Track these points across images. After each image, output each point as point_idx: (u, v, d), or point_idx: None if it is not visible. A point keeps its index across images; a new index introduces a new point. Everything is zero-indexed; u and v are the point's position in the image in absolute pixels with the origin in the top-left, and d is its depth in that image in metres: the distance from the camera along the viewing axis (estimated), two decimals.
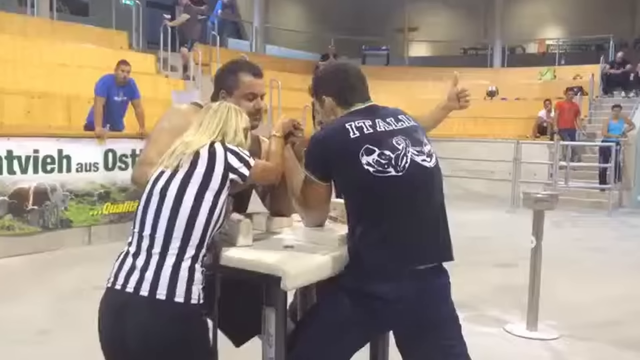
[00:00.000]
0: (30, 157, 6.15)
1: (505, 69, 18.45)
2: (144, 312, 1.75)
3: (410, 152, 2.00)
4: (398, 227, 1.97)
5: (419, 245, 1.99)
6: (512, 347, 4.03)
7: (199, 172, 1.85)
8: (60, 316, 4.31)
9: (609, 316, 4.68)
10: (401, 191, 1.97)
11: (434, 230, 2.04)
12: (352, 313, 1.98)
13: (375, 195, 1.97)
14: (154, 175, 1.92)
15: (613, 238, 8.15)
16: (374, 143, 1.97)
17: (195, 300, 1.79)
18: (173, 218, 1.80)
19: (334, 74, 2.24)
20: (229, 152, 1.92)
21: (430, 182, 2.05)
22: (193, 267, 1.80)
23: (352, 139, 1.97)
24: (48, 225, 6.31)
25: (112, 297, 1.82)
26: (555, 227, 7.74)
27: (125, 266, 1.81)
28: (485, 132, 13.04)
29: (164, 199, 1.83)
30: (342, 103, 2.16)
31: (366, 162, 1.94)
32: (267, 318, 1.94)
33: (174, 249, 1.78)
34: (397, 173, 1.95)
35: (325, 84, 2.22)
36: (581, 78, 15.48)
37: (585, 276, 5.87)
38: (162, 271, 1.76)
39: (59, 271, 5.47)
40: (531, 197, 4.31)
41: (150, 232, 1.80)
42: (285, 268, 1.84)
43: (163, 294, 1.75)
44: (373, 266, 1.96)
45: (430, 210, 2.04)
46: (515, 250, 5.09)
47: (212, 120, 2.02)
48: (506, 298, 4.97)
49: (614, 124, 11.70)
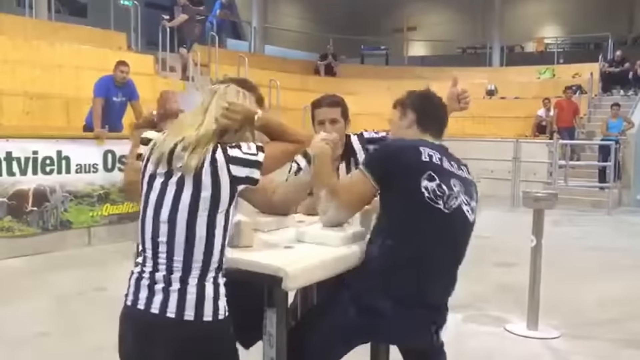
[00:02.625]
0: (30, 158, 6.14)
1: (504, 68, 18.45)
2: (173, 334, 1.69)
3: (460, 198, 2.10)
4: (428, 258, 2.05)
5: (439, 282, 2.12)
6: (513, 347, 4.03)
7: (205, 197, 1.69)
8: (60, 318, 4.30)
9: (609, 315, 4.68)
10: (442, 227, 2.06)
11: (452, 275, 2.17)
12: (355, 323, 2.05)
13: (419, 218, 2.04)
14: (146, 180, 1.77)
15: (613, 237, 8.16)
16: (437, 174, 2.06)
17: (222, 315, 1.74)
18: (190, 249, 1.69)
19: (429, 99, 2.33)
20: (232, 162, 1.72)
21: (466, 233, 2.17)
22: (217, 282, 1.75)
23: (422, 161, 2.06)
24: (48, 227, 6.31)
25: (136, 317, 1.74)
26: (555, 226, 7.74)
27: (144, 285, 1.72)
28: (484, 132, 13.05)
29: (175, 227, 1.69)
30: (420, 125, 2.26)
31: (425, 185, 2.03)
32: (268, 318, 1.94)
33: (195, 272, 1.70)
34: (445, 210, 2.04)
35: (417, 101, 2.31)
36: (580, 76, 15.49)
37: (586, 275, 5.87)
38: (187, 291, 1.69)
39: (59, 273, 5.47)
40: (531, 196, 4.31)
41: (166, 256, 1.70)
42: (287, 269, 1.83)
43: (191, 315, 1.68)
44: (393, 284, 2.03)
45: (456, 257, 2.17)
46: (515, 250, 5.09)
47: (215, 104, 1.83)
48: (507, 297, 4.97)
49: (613, 123, 11.71)
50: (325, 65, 16.87)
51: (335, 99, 2.89)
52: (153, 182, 1.75)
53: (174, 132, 1.79)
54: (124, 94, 7.26)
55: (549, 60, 17.99)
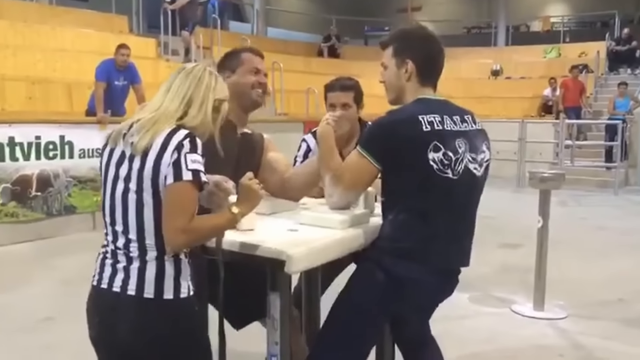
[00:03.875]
0: (32, 143, 6.12)
1: (510, 48, 18.26)
2: (133, 312, 1.69)
3: (466, 158, 2.04)
4: (442, 227, 2.03)
5: (456, 248, 2.11)
6: (519, 327, 4.01)
7: (147, 176, 1.65)
8: (64, 303, 4.29)
9: (615, 295, 4.65)
10: (452, 194, 2.02)
11: (466, 238, 2.15)
12: (386, 287, 2.03)
13: (430, 191, 2.00)
14: (106, 155, 1.75)
15: (619, 216, 8.11)
16: (441, 141, 1.99)
17: (185, 293, 1.72)
18: (141, 225, 1.67)
19: (425, 40, 2.15)
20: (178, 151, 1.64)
21: (474, 191, 2.13)
22: (178, 260, 1.72)
23: (424, 132, 1.97)
24: (52, 212, 6.31)
25: (99, 297, 1.75)
26: (561, 206, 7.71)
27: (108, 264, 1.74)
28: (490, 112, 12.93)
29: (127, 206, 1.68)
30: (422, 75, 2.10)
31: (432, 158, 1.97)
32: (271, 302, 1.91)
33: (152, 250, 1.69)
34: (453, 176, 2.00)
35: (414, 46, 2.12)
36: (586, 55, 15.33)
37: (592, 255, 5.84)
38: (146, 269, 1.68)
39: (64, 257, 5.47)
40: (537, 177, 4.27)
41: (124, 235, 1.70)
42: (290, 252, 1.81)
43: (151, 292, 1.68)
44: (412, 253, 2.02)
45: (468, 218, 2.14)
46: (521, 230, 5.06)
47: (182, 84, 1.76)
48: (512, 278, 4.95)
49: (620, 102, 11.60)
50: (328, 47, 16.74)
51: (349, 83, 2.84)
52: (110, 161, 1.74)
53: (137, 114, 1.78)
54: (125, 78, 7.21)
55: (555, 39, 17.82)
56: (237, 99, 2.29)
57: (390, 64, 2.14)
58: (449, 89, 14.77)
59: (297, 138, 3.14)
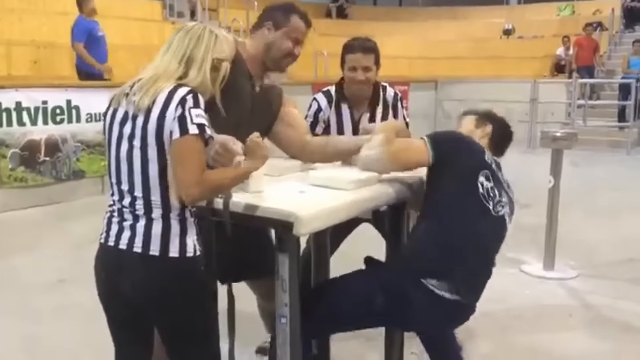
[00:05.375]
0: (39, 108, 6.09)
1: (522, 6, 17.91)
2: (139, 269, 1.70)
3: (506, 209, 2.14)
4: (467, 252, 2.05)
5: (469, 280, 2.10)
6: (529, 287, 4.02)
7: (152, 131, 1.64)
8: (75, 266, 4.33)
9: (625, 255, 4.64)
10: (486, 227, 2.07)
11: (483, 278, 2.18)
12: (381, 311, 2.03)
13: (469, 210, 2.04)
14: (109, 116, 1.74)
15: (631, 177, 8.03)
16: (493, 178, 2.09)
17: (191, 252, 1.72)
18: (146, 181, 1.68)
19: (508, 127, 2.36)
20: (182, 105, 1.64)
21: (500, 241, 2.19)
22: (184, 218, 1.72)
23: (485, 159, 2.10)
24: (61, 177, 6.32)
25: (106, 254, 1.77)
26: (573, 167, 7.60)
27: (115, 222, 1.75)
28: (501, 73, 12.75)
29: (132, 164, 1.68)
30: (492, 141, 2.25)
31: (481, 181, 2.05)
32: (280, 263, 1.90)
33: (157, 209, 1.69)
34: (493, 212, 2.07)
35: (498, 121, 2.31)
36: (601, 13, 14.97)
37: (603, 215, 5.80)
38: (152, 226, 1.69)
39: (73, 221, 5.50)
40: (549, 136, 4.23)
41: (129, 193, 1.70)
42: (298, 213, 1.78)
43: (156, 250, 1.68)
44: (427, 272, 2.02)
45: (488, 261, 2.18)
46: (532, 190, 4.99)
47: (181, 43, 1.74)
48: (523, 238, 4.91)
49: (634, 60, 11.38)
50: (337, 7, 16.48)
51: (370, 45, 2.76)
52: (113, 121, 1.74)
53: (139, 74, 1.76)
54: (101, 28, 7.31)
55: None
56: (265, 56, 2.25)
57: (470, 125, 2.29)
58: (460, 49, 14.60)
59: (306, 100, 3.09)
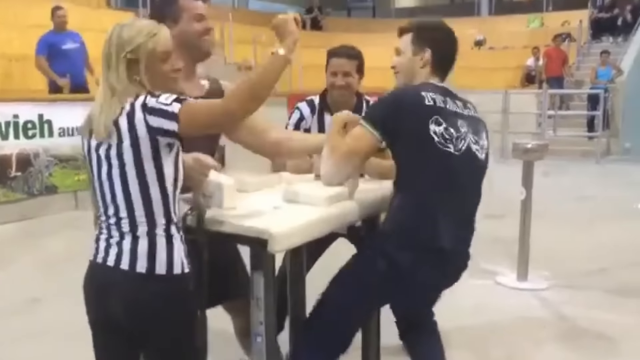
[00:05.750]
0: (10, 122, 6.00)
1: (493, 17, 18.21)
2: (126, 287, 1.69)
3: (469, 138, 2.05)
4: (446, 207, 2.01)
5: (461, 227, 2.10)
6: (504, 298, 4.06)
7: (127, 147, 1.64)
8: (50, 283, 4.26)
9: (598, 264, 4.71)
10: (455, 170, 2.02)
11: (472, 217, 2.16)
12: (385, 276, 2.01)
13: (433, 164, 2.00)
14: (85, 143, 1.75)
15: (602, 186, 8.18)
16: (443, 117, 2.00)
17: (179, 270, 1.71)
18: (129, 200, 1.68)
19: (448, 37, 2.18)
20: (147, 111, 1.63)
21: (477, 174, 2.13)
22: (169, 234, 1.71)
23: (426, 105, 1.99)
24: (33, 192, 6.22)
25: (94, 271, 1.76)
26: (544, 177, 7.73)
27: (103, 239, 1.75)
28: (473, 84, 12.91)
29: (113, 183, 1.69)
30: (435, 66, 2.14)
31: (433, 129, 1.97)
32: (255, 282, 1.90)
33: (142, 225, 1.69)
34: (455, 152, 2.00)
35: (435, 38, 2.15)
36: (569, 24, 15.31)
37: (575, 225, 5.90)
38: (138, 243, 1.69)
39: (47, 237, 5.41)
40: (520, 148, 4.28)
41: (114, 211, 1.71)
42: (272, 230, 1.78)
43: (143, 267, 1.68)
44: (416, 238, 2.01)
45: (473, 197, 2.15)
46: (504, 201, 5.08)
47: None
48: (496, 249, 4.98)
49: (602, 71, 11.63)
50: (311, 19, 16.56)
51: (354, 52, 2.81)
52: (90, 145, 1.73)
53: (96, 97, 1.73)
54: (74, 41, 7.14)
55: (538, 8, 17.76)
56: (186, 50, 2.11)
57: (407, 50, 2.17)
58: None
59: (281, 112, 3.09)
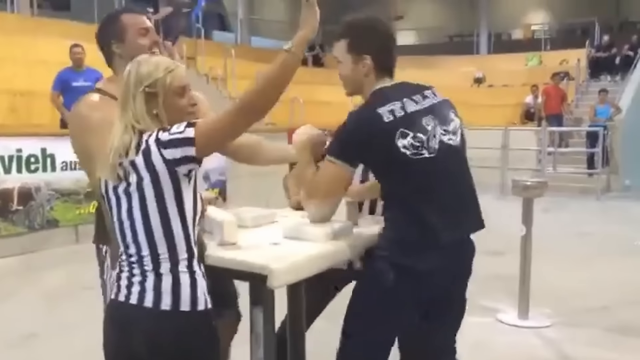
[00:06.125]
0: (14, 156, 6.05)
1: (492, 56, 18.48)
2: (150, 324, 1.68)
3: (438, 132, 2.01)
4: (439, 204, 2.01)
5: (463, 216, 2.08)
6: (505, 336, 4.03)
7: (147, 184, 1.67)
8: (48, 318, 4.25)
9: (599, 302, 4.68)
10: (434, 170, 2.00)
11: (469, 202, 2.13)
12: (397, 286, 1.99)
13: (414, 176, 1.99)
14: (103, 183, 1.76)
15: (602, 223, 8.18)
16: (407, 126, 1.96)
17: (202, 306, 1.70)
18: (151, 237, 1.68)
19: (380, 32, 2.08)
20: (162, 145, 1.65)
21: (458, 159, 2.10)
22: (192, 269, 1.71)
23: (386, 123, 1.95)
24: (34, 226, 6.23)
25: (116, 309, 1.75)
26: (545, 213, 7.75)
27: (125, 276, 1.74)
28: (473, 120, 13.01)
29: (134, 220, 1.70)
30: (379, 68, 2.06)
31: (402, 145, 1.95)
32: (254, 317, 1.91)
33: (165, 262, 1.69)
34: (430, 155, 1.98)
35: (370, 40, 2.07)
36: (567, 63, 15.55)
37: (576, 262, 5.88)
38: (162, 280, 1.68)
39: (47, 271, 5.40)
40: (520, 185, 4.30)
41: (136, 249, 1.71)
42: (272, 266, 1.80)
43: (168, 304, 1.67)
44: (412, 242, 1.99)
45: (463, 184, 2.12)
46: (505, 238, 5.08)
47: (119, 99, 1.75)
48: (497, 286, 4.96)
49: (600, 109, 11.74)
50: (312, 55, 16.78)
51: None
52: (107, 187, 1.75)
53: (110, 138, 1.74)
54: (86, 79, 7.15)
55: (536, 47, 18.07)
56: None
57: (345, 59, 2.10)
58: None
59: None
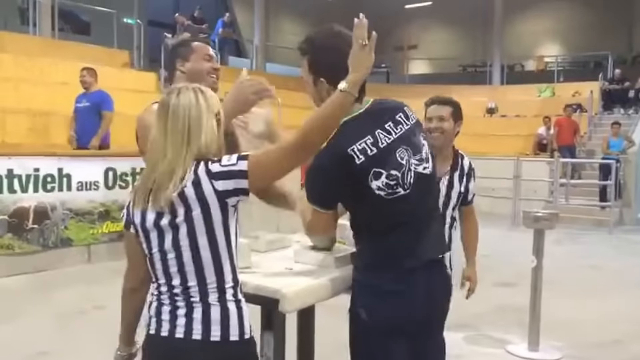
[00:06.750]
0: (31, 175, 6.15)
1: (505, 87, 18.52)
2: (200, 357, 1.66)
3: (412, 165, 1.97)
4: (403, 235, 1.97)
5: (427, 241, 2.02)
6: None
7: (197, 215, 1.64)
8: (60, 337, 4.28)
9: (611, 335, 4.65)
10: (409, 205, 1.96)
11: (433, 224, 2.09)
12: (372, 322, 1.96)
13: (385, 213, 1.95)
14: (139, 216, 1.70)
15: (614, 256, 8.12)
16: (380, 164, 1.90)
17: (248, 334, 1.71)
18: (199, 268, 1.66)
19: (334, 49, 1.91)
20: (214, 177, 1.64)
21: (429, 187, 2.08)
22: (237, 298, 1.71)
23: (358, 165, 1.88)
24: (48, 244, 6.30)
25: (161, 345, 1.70)
26: (556, 245, 7.72)
27: (166, 310, 1.70)
28: (485, 150, 13.05)
29: (181, 254, 1.66)
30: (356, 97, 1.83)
31: (376, 186, 1.90)
32: (265, 342, 1.93)
33: (213, 293, 1.68)
34: (405, 191, 1.94)
35: (325, 62, 1.96)
36: (580, 95, 15.56)
37: (587, 295, 5.84)
38: (210, 311, 1.67)
39: (59, 290, 5.45)
40: (531, 217, 4.30)
41: (180, 281, 1.68)
42: (284, 290, 1.83)
43: (217, 335, 1.66)
44: (384, 268, 1.96)
45: (432, 210, 2.12)
46: (516, 269, 5.07)
47: (175, 125, 1.68)
48: (507, 318, 4.94)
49: (613, 141, 11.72)
50: None
51: (447, 99, 3.01)
52: (145, 219, 1.70)
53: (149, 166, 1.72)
54: (88, 100, 7.32)
55: (549, 79, 18.08)
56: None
57: (308, 79, 2.02)
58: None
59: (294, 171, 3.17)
